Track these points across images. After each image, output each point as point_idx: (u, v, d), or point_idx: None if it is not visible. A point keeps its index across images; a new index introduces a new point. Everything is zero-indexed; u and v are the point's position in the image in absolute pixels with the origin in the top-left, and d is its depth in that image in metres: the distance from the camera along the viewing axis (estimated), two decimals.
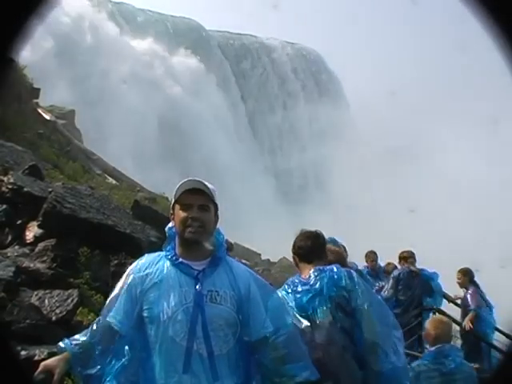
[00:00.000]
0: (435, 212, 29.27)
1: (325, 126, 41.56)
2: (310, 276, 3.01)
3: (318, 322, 2.88)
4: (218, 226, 2.55)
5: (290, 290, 3.01)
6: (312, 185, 36.78)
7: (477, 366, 5.43)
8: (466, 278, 7.21)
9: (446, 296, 7.70)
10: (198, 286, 2.36)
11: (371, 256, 7.81)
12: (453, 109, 42.02)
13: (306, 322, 2.87)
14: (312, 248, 3.15)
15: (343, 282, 2.93)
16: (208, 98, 33.22)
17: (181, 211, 2.43)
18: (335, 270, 2.99)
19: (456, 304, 7.72)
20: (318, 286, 2.94)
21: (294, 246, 3.22)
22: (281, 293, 2.99)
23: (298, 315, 2.88)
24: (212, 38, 39.57)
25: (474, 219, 30.81)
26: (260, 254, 22.48)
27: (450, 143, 40.30)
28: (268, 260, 22.42)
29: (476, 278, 7.35)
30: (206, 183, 2.46)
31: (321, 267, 3.04)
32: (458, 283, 7.35)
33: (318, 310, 2.90)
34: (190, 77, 34.20)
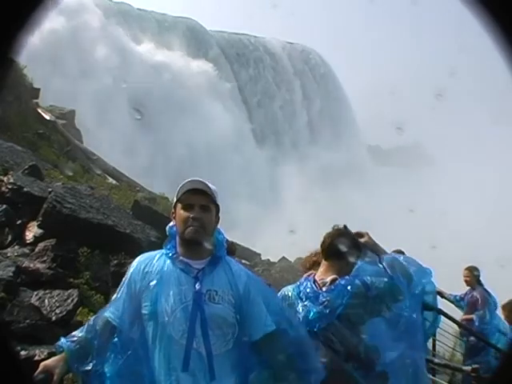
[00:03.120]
0: (435, 211, 29.24)
1: (325, 126, 41.56)
2: (322, 292, 2.89)
3: (322, 340, 2.83)
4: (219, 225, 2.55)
5: (299, 296, 2.93)
6: (313, 185, 36.73)
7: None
8: (474, 276, 7.17)
9: (440, 293, 7.64)
10: (197, 285, 2.37)
11: None
12: (453, 109, 42.04)
13: None
14: (326, 247, 3.04)
15: (356, 290, 2.87)
16: (207, 98, 33.22)
17: (182, 211, 2.43)
18: (349, 288, 2.87)
19: (450, 301, 7.67)
20: (328, 310, 2.83)
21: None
22: (292, 293, 2.97)
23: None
24: (212, 38, 39.55)
25: (474, 218, 30.81)
26: (260, 254, 22.42)
27: (451, 143, 40.33)
28: (268, 260, 22.38)
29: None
30: (208, 184, 2.48)
31: (337, 283, 2.89)
32: (466, 281, 7.28)
33: (325, 329, 2.84)
34: (191, 77, 34.19)
